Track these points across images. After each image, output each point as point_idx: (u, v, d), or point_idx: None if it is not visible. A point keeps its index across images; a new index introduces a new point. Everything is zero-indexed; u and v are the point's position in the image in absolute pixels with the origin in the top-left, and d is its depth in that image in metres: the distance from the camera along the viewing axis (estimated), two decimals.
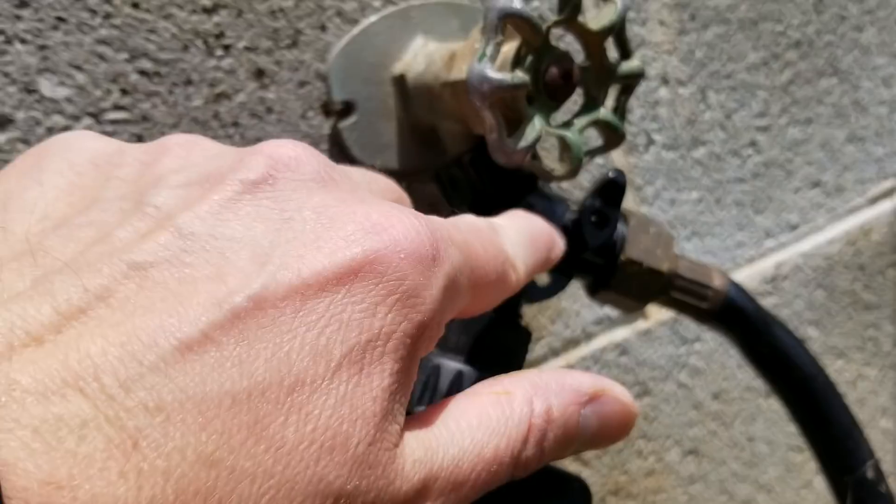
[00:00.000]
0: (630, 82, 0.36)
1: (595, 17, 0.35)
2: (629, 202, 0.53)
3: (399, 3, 0.44)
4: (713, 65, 0.56)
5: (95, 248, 0.18)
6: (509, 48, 0.35)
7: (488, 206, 0.38)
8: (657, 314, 0.55)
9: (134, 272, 0.17)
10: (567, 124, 0.35)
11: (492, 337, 0.37)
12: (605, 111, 0.36)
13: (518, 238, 0.26)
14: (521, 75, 0.32)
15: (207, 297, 0.17)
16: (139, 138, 0.38)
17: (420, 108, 0.42)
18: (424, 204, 0.45)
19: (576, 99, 0.36)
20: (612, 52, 0.36)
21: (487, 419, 0.21)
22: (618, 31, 0.35)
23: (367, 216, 0.19)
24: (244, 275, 0.18)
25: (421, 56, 0.42)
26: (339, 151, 0.43)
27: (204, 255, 0.18)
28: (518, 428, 0.21)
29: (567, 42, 0.41)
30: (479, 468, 0.20)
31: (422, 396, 0.35)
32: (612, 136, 0.36)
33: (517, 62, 0.33)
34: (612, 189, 0.39)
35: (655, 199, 0.54)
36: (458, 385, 0.35)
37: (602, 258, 0.39)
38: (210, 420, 0.16)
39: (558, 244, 0.30)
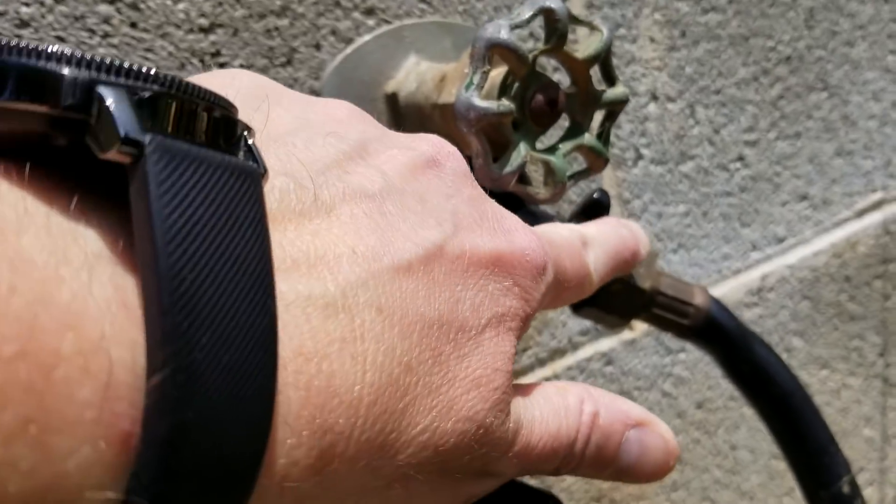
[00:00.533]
0: (614, 108, 0.37)
1: (581, 46, 0.36)
2: (616, 216, 0.54)
3: (393, 23, 0.44)
4: (703, 80, 0.57)
5: (333, 171, 0.21)
6: (498, 73, 0.36)
7: None
8: (642, 325, 0.56)
9: (349, 197, 0.20)
10: (552, 149, 0.36)
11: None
12: (589, 136, 0.36)
13: (601, 253, 0.29)
14: (506, 103, 0.33)
15: (408, 234, 0.20)
16: None
17: (411, 126, 0.43)
18: None
19: (563, 123, 0.37)
20: (598, 78, 0.37)
21: (553, 403, 0.23)
22: (603, 59, 0.36)
23: (502, 217, 0.23)
24: (430, 228, 0.21)
25: (413, 75, 0.43)
26: None
27: (398, 200, 0.21)
28: (574, 418, 0.23)
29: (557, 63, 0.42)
30: (544, 441, 0.23)
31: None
32: (596, 160, 0.37)
33: (504, 89, 0.34)
34: (595, 209, 0.39)
35: (643, 213, 0.55)
36: None
37: None
38: (411, 334, 0.19)
39: (639, 254, 0.32)
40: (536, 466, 0.23)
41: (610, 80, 0.37)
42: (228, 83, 0.22)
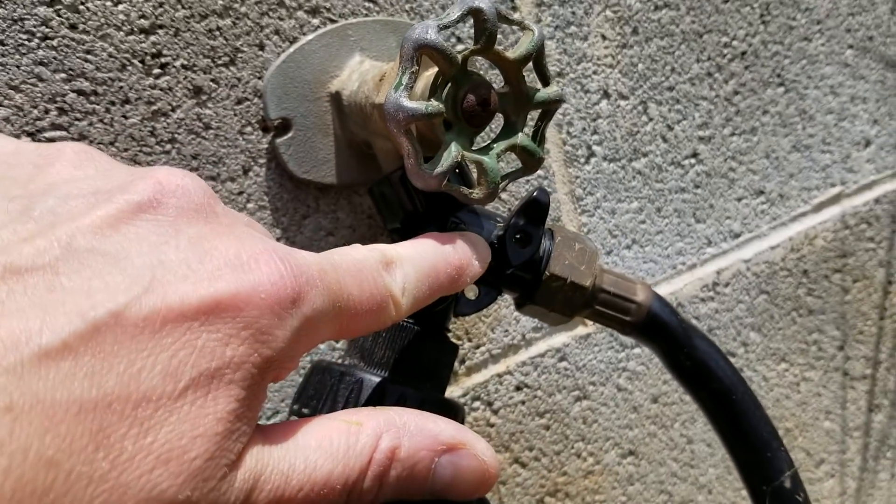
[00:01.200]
0: (549, 108, 0.37)
1: (512, 46, 0.36)
2: (569, 212, 0.55)
3: (338, 21, 0.45)
4: (655, 77, 0.57)
5: None
6: (431, 73, 0.36)
7: (418, 223, 0.40)
8: None
9: (9, 275, 0.18)
10: (485, 149, 0.36)
11: (416, 351, 0.39)
12: (522, 136, 0.37)
13: (413, 272, 0.27)
14: (435, 104, 0.33)
15: (73, 308, 0.18)
16: None
17: (355, 125, 0.43)
18: (363, 216, 0.47)
19: (496, 124, 0.37)
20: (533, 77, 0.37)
21: (329, 444, 0.22)
22: (535, 59, 0.36)
23: (237, 253, 0.21)
24: (111, 291, 0.19)
25: (356, 74, 0.43)
26: (277, 167, 0.44)
27: (77, 267, 0.19)
28: (357, 459, 0.22)
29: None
30: (308, 489, 0.21)
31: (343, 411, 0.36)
32: (530, 160, 0.37)
33: (434, 91, 0.35)
34: (535, 208, 0.40)
35: (596, 209, 0.56)
36: (378, 399, 0.36)
37: (528, 273, 0.41)
38: (56, 424, 0.17)
39: (468, 271, 0.31)
40: None
41: (544, 79, 0.37)
42: None
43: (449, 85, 0.35)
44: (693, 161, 0.60)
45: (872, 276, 0.73)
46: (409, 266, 0.27)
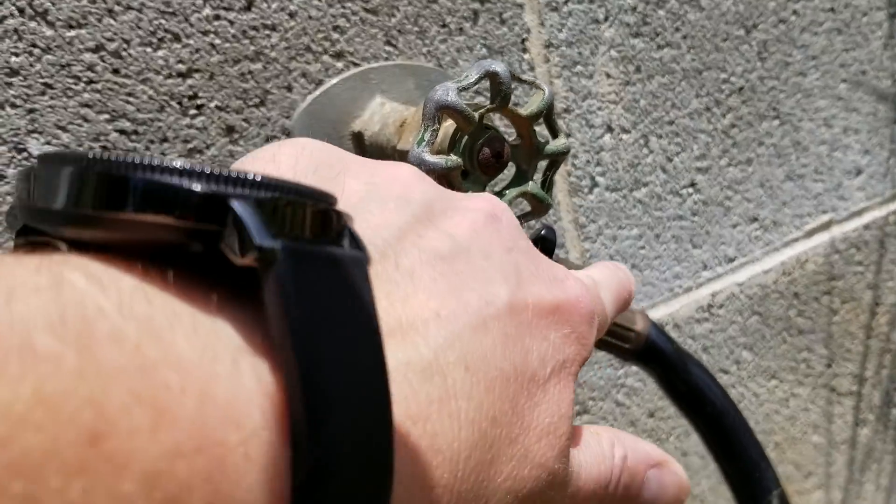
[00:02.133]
0: (557, 159, 0.40)
1: (525, 104, 0.39)
2: (573, 239, 0.58)
3: (360, 65, 0.48)
4: (657, 112, 0.60)
5: (409, 237, 0.22)
6: (450, 125, 0.39)
7: None
8: None
9: (437, 261, 0.22)
10: (498, 195, 0.39)
11: None
12: (532, 184, 0.40)
13: (609, 294, 0.31)
14: (454, 158, 0.37)
15: (483, 292, 0.22)
16: None
17: None
18: None
19: (510, 170, 0.40)
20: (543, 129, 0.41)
21: (590, 446, 0.25)
22: (546, 115, 0.39)
23: (555, 271, 0.25)
24: (498, 284, 0.22)
25: (378, 116, 0.46)
26: None
27: (470, 260, 0.22)
28: (609, 463, 0.25)
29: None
30: (589, 485, 0.25)
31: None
32: (539, 205, 0.40)
33: (453, 144, 0.38)
34: (543, 244, 0.43)
35: (598, 236, 0.59)
36: None
37: None
38: (492, 388, 0.20)
39: (632, 294, 0.35)
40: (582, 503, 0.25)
41: (553, 132, 0.40)
42: (299, 152, 0.24)
43: (466, 138, 0.38)
44: (691, 190, 0.63)
45: (860, 297, 0.76)
46: (606, 290, 0.31)
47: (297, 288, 0.16)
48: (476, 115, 0.37)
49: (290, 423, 0.16)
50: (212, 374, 0.15)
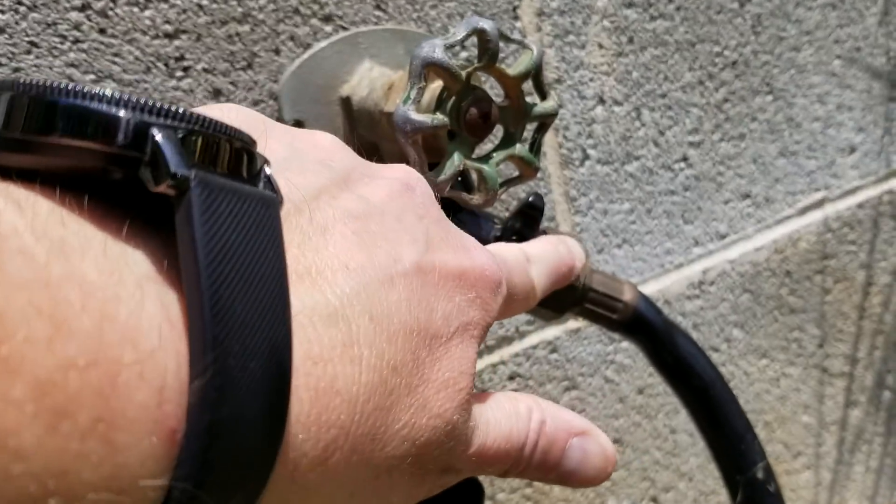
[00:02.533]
0: (545, 120, 0.40)
1: (514, 64, 0.39)
2: (564, 212, 0.58)
3: (349, 29, 0.47)
4: (649, 84, 0.60)
5: (324, 196, 0.23)
6: (437, 86, 0.39)
7: None
8: None
9: (350, 219, 0.23)
10: (485, 158, 0.39)
11: None
12: (520, 147, 0.40)
13: (542, 268, 0.32)
14: (440, 117, 0.36)
15: (393, 251, 0.23)
16: None
17: (363, 128, 0.46)
18: None
19: (497, 133, 0.40)
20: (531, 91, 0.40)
21: (504, 406, 0.26)
22: (534, 75, 0.39)
23: (464, 240, 0.26)
24: (407, 244, 0.24)
25: (366, 81, 0.45)
26: None
27: (383, 222, 0.24)
28: (524, 424, 0.26)
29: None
30: (498, 444, 0.25)
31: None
32: (527, 169, 0.40)
33: (440, 103, 0.37)
34: (530, 211, 0.43)
35: (589, 210, 0.58)
36: None
37: None
38: (395, 339, 0.21)
39: (574, 269, 0.35)
40: (490, 465, 0.26)
41: (541, 94, 0.40)
42: (225, 114, 0.25)
43: (453, 98, 0.38)
44: (683, 165, 0.63)
45: (853, 277, 0.76)
46: (540, 264, 0.32)
47: (207, 217, 0.17)
48: (463, 73, 0.37)
49: (189, 348, 0.17)
50: (114, 296, 0.16)
